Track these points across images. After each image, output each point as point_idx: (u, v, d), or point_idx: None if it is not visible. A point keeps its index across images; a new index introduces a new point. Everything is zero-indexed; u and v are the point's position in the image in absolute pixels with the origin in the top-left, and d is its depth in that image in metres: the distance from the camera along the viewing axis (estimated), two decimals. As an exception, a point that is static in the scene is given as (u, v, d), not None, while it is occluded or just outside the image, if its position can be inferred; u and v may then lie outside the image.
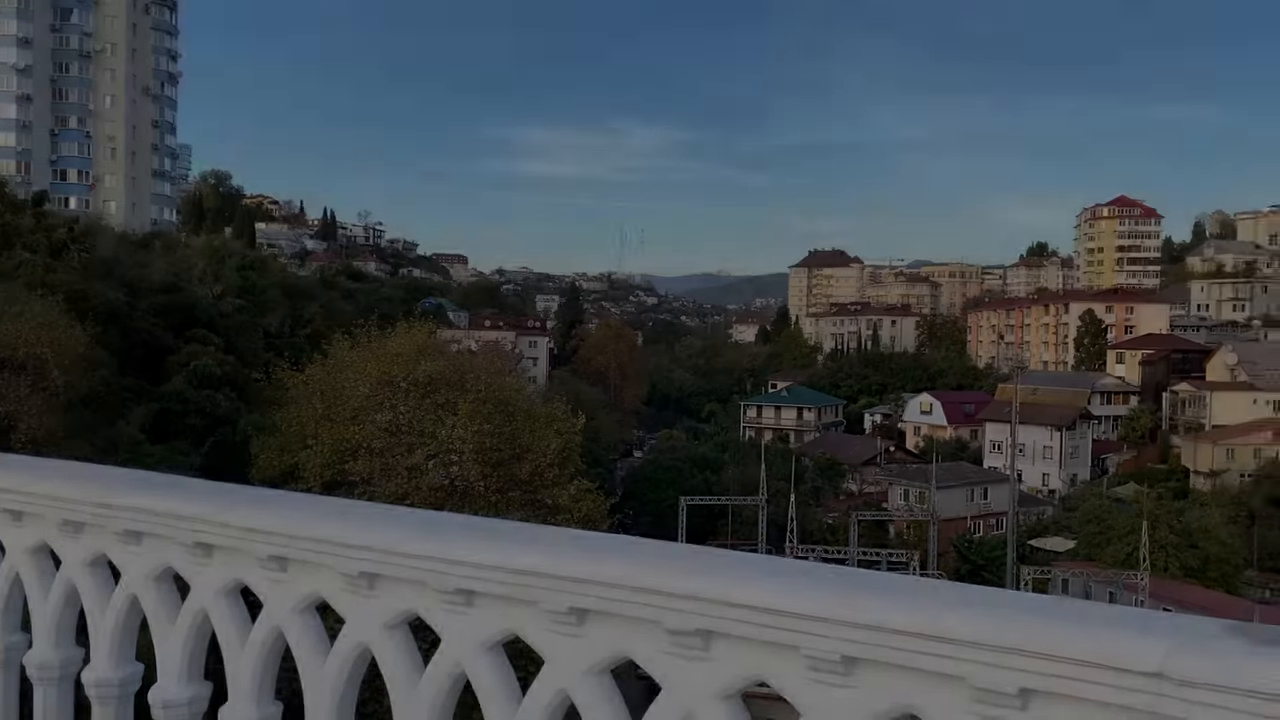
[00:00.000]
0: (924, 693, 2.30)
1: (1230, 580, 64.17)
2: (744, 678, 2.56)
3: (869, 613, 2.30)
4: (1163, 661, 1.99)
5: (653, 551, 2.71)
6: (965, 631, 2.18)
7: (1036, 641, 2.10)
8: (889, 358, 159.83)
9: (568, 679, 2.78)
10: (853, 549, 60.96)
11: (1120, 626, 2.08)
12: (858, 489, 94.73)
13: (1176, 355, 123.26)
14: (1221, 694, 1.96)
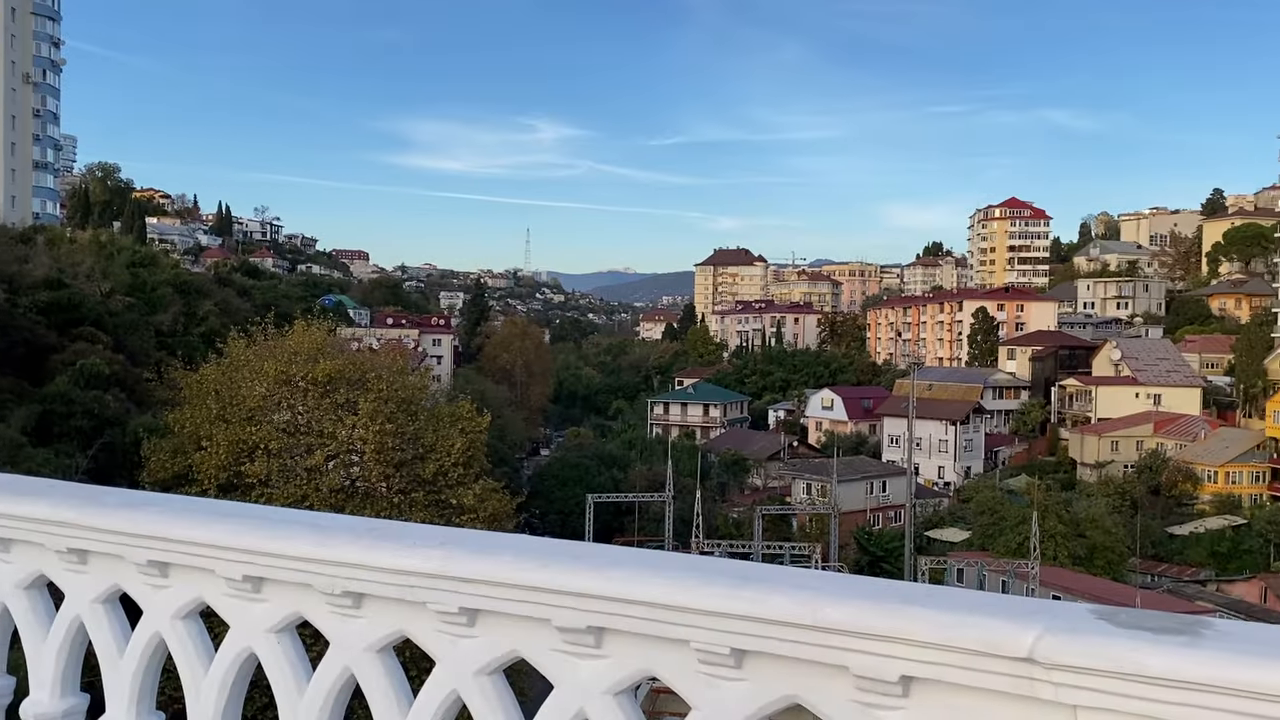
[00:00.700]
0: (809, 683, 2.34)
1: (1115, 567, 66.99)
2: (636, 673, 2.57)
3: (757, 606, 2.32)
4: (1033, 646, 2.05)
5: (543, 550, 2.69)
6: (847, 621, 2.22)
7: (914, 630, 2.15)
8: (792, 354, 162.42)
9: (459, 680, 2.75)
10: (757, 543, 61.78)
11: (993, 613, 2.15)
12: (762, 484, 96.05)
13: (1064, 351, 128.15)
14: (1088, 676, 2.04)
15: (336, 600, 2.88)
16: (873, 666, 2.22)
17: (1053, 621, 2.09)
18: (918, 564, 58.43)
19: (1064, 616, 2.13)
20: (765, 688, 2.39)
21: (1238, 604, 59.47)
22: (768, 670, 2.38)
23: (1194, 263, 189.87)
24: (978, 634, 2.10)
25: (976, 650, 2.11)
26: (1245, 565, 70.59)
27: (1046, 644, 2.04)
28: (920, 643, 2.16)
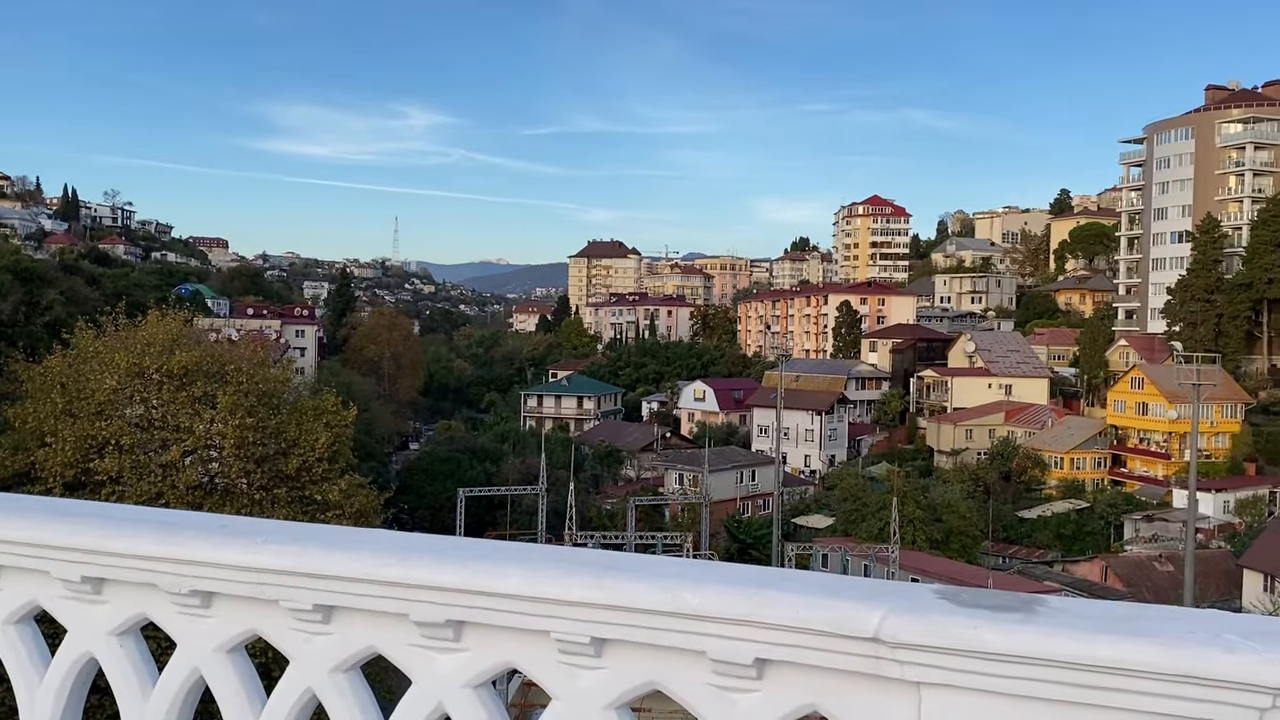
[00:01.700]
0: (669, 668, 2.37)
1: (969, 550, 70.10)
2: (496, 666, 2.56)
3: (617, 594, 2.34)
4: (879, 626, 2.13)
5: (401, 544, 2.65)
6: (706, 607, 2.26)
7: (768, 613, 2.21)
8: (665, 347, 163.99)
9: (314, 678, 2.69)
10: (630, 534, 62.19)
11: (842, 595, 2.22)
12: (636, 475, 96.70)
13: (922, 344, 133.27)
14: (931, 653, 2.13)
15: (184, 600, 2.78)
16: (729, 650, 2.27)
17: (898, 602, 2.17)
18: (785, 550, 59.86)
19: (908, 597, 2.22)
20: (625, 675, 2.41)
21: (1081, 582, 63.01)
22: (628, 658, 2.40)
23: (1043, 259, 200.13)
24: (827, 615, 2.17)
25: (826, 631, 2.17)
26: (1088, 546, 74.82)
27: (891, 624, 2.12)
28: (774, 625, 2.21)
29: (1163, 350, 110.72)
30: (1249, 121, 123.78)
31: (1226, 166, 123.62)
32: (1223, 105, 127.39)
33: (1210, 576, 61.21)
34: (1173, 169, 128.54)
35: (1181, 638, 2.01)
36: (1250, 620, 2.19)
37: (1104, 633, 2.03)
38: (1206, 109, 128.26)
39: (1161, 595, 58.65)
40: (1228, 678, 1.95)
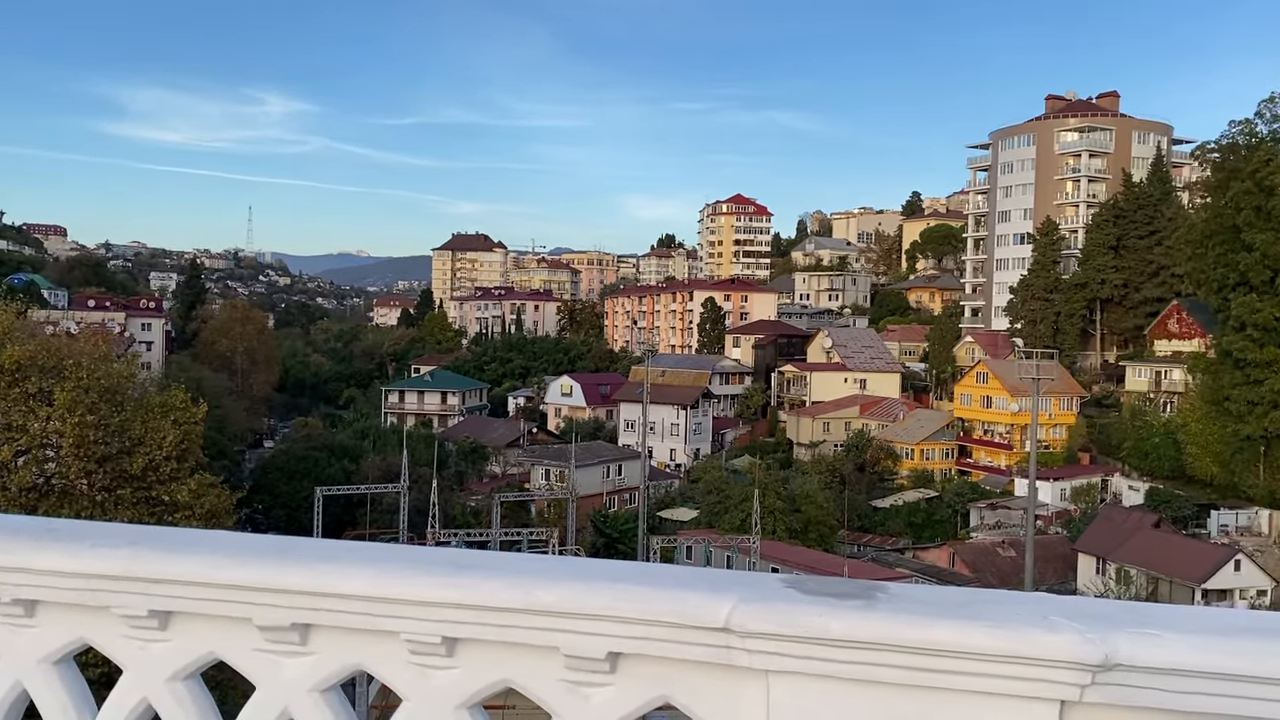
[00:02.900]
0: (522, 665, 2.36)
1: (827, 540, 72.30)
2: (345, 669, 2.49)
3: (468, 593, 2.31)
4: (728, 616, 2.17)
5: (243, 545, 2.55)
6: (559, 603, 2.25)
7: (621, 607, 2.22)
8: (532, 341, 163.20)
9: (150, 687, 2.56)
10: (495, 531, 61.70)
11: (693, 587, 2.25)
12: (501, 471, 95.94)
13: (783, 339, 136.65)
14: (778, 642, 2.18)
15: (5, 609, 2.61)
16: (582, 645, 2.27)
17: (746, 592, 2.22)
18: (650, 543, 60.46)
19: (757, 587, 2.26)
20: (478, 674, 2.39)
21: (930, 569, 65.86)
22: (480, 656, 2.38)
23: (895, 259, 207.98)
24: (678, 608, 2.19)
25: (677, 623, 2.20)
26: (937, 533, 78.22)
27: (740, 614, 2.17)
28: (626, 619, 2.22)
29: (1006, 346, 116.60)
30: (1084, 130, 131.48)
31: (1064, 173, 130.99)
32: (1061, 115, 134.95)
33: (1049, 561, 64.87)
34: (1015, 174, 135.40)
35: (1010, 620, 2.11)
36: (1074, 602, 2.33)
37: (939, 617, 2.12)
38: (1046, 118, 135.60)
39: (1005, 579, 61.82)
40: (1052, 657, 2.06)
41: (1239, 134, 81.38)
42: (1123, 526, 64.71)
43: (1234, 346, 75.96)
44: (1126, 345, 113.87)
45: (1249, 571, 58.00)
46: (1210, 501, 75.14)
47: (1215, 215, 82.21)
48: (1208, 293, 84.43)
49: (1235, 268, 76.81)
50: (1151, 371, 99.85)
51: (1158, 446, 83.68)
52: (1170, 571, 58.23)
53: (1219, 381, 78.48)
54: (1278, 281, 73.43)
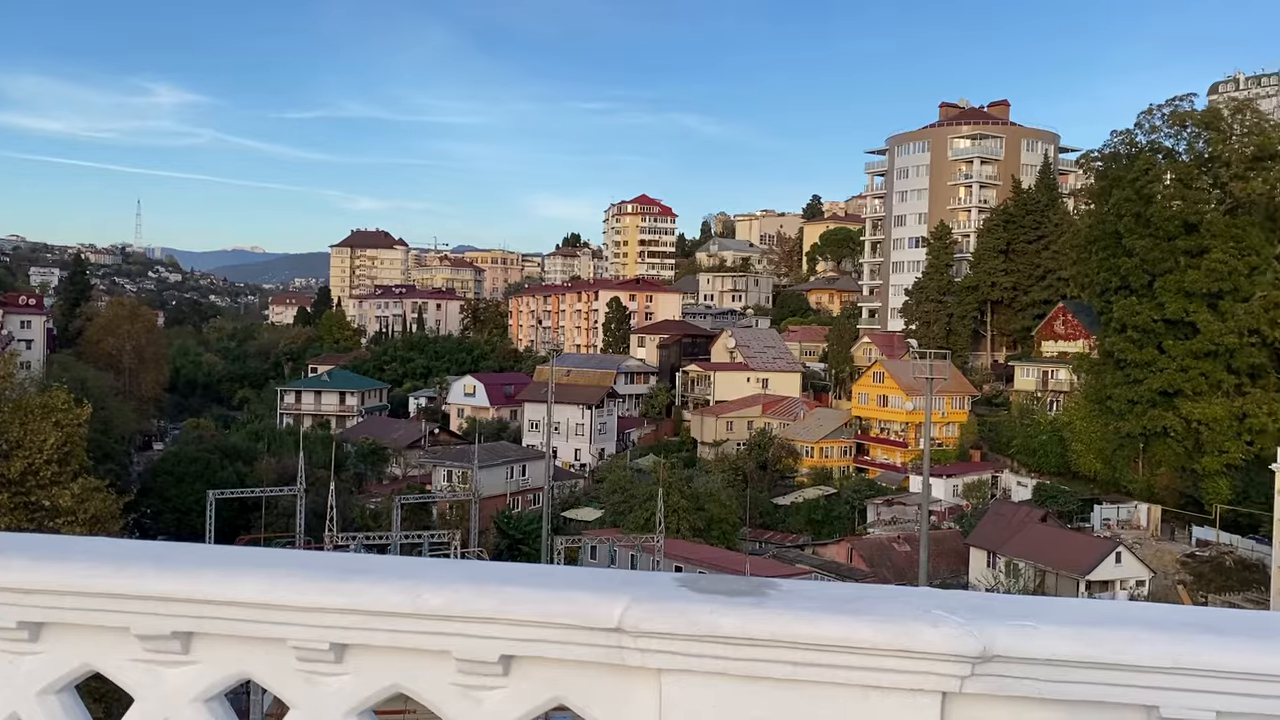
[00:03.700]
0: (413, 670, 2.33)
1: (729, 537, 73.10)
2: (229, 678, 2.43)
3: (357, 598, 2.28)
4: (621, 616, 2.18)
5: (121, 552, 2.46)
6: (449, 606, 2.23)
7: (513, 609, 2.21)
8: (434, 341, 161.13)
9: (20, 702, 2.45)
10: (395, 534, 60.69)
11: (586, 587, 2.26)
12: (402, 473, 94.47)
13: (688, 339, 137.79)
14: (671, 640, 2.20)
15: None
16: (474, 649, 2.25)
17: (639, 591, 2.23)
18: (554, 544, 60.26)
19: (650, 586, 2.28)
20: (367, 680, 2.35)
21: (829, 564, 67.17)
22: (370, 662, 2.34)
23: (796, 261, 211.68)
24: (571, 609, 2.20)
25: (570, 624, 2.20)
26: (836, 530, 79.81)
27: (633, 613, 2.18)
28: (519, 621, 2.22)
29: (901, 347, 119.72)
30: (976, 138, 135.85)
31: (957, 178, 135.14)
32: (954, 122, 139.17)
33: (943, 555, 66.82)
34: (911, 179, 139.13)
35: (894, 615, 2.17)
36: (957, 596, 2.40)
37: (827, 613, 2.17)
38: (940, 125, 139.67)
39: (900, 574, 63.46)
40: (933, 650, 2.13)
41: (1120, 144, 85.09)
42: (1012, 521, 67.04)
43: (1115, 347, 79.42)
44: (1015, 346, 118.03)
45: (1129, 563, 60.68)
46: (1093, 496, 78.40)
47: (1098, 222, 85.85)
48: (1091, 296, 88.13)
49: (1117, 272, 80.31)
50: (1039, 371, 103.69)
51: (1044, 444, 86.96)
52: (1057, 564, 60.56)
53: (1101, 381, 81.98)
54: (1156, 285, 77.02)
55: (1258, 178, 77.75)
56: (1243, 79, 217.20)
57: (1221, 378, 74.53)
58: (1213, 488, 72.58)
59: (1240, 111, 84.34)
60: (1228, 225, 76.61)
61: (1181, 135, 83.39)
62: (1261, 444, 70.46)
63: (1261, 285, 74.16)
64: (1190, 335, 75.20)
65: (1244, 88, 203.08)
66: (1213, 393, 74.39)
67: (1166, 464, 76.97)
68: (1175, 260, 76.31)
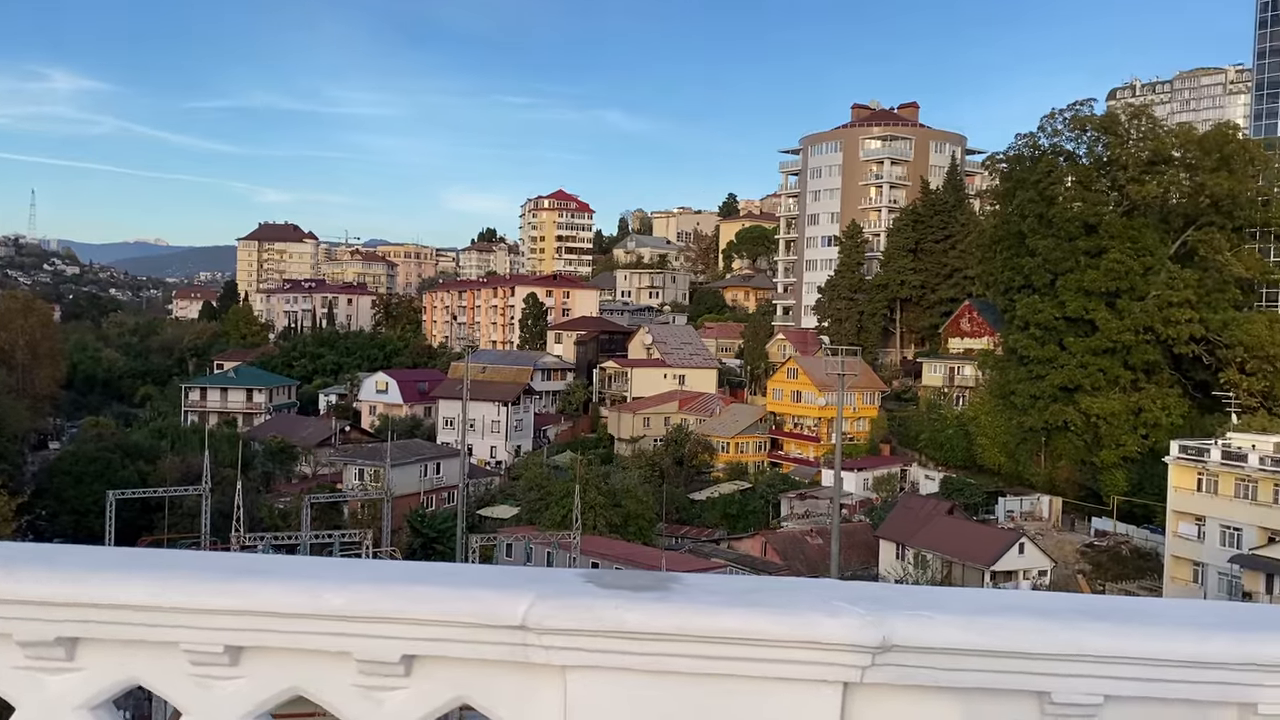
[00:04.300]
0: (312, 672, 2.27)
1: (646, 532, 73.42)
2: (118, 684, 2.34)
3: (253, 599, 2.21)
4: (525, 614, 2.16)
5: (4, 556, 2.35)
6: (349, 606, 2.19)
7: (415, 609, 2.17)
8: (345, 337, 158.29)
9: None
10: (305, 534, 59.45)
11: (490, 585, 2.23)
12: (312, 472, 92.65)
13: (605, 336, 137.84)
14: (576, 637, 2.19)
15: None
16: (375, 649, 2.21)
17: (544, 588, 2.22)
18: (469, 542, 59.75)
19: (555, 583, 2.27)
20: (264, 683, 2.29)
21: (744, 558, 67.93)
22: (267, 664, 2.28)
23: (713, 258, 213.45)
24: (474, 607, 2.17)
25: (473, 623, 2.17)
26: (750, 524, 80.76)
27: (538, 610, 2.16)
28: (421, 620, 2.18)
29: (814, 343, 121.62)
30: (887, 139, 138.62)
31: (868, 178, 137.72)
32: (866, 123, 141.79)
33: (854, 547, 68.14)
34: (823, 179, 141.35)
35: (796, 607, 2.20)
36: (858, 587, 2.44)
37: (730, 606, 2.19)
38: (852, 125, 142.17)
39: (813, 566, 64.47)
40: (834, 640, 2.16)
41: (1024, 146, 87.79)
42: (920, 513, 68.67)
43: (1018, 344, 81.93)
44: (924, 343, 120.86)
45: (1032, 553, 62.69)
46: (998, 489, 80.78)
47: (1003, 222, 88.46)
48: (996, 294, 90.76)
49: (1020, 271, 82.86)
50: (946, 367, 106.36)
51: (951, 438, 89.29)
52: (962, 555, 62.24)
53: (1005, 377, 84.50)
54: (1058, 284, 79.65)
55: (1152, 181, 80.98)
56: (1139, 85, 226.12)
57: (1119, 374, 77.42)
58: (1110, 480, 75.39)
59: (1136, 117, 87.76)
60: (1125, 227, 79.63)
61: (1082, 139, 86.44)
62: (1155, 437, 73.43)
63: (1156, 285, 77.24)
64: (1089, 333, 77.95)
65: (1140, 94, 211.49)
66: (1110, 388, 77.21)
67: (1067, 457, 79.70)
68: (1076, 260, 79.02)
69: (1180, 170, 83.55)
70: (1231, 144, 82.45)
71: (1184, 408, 77.79)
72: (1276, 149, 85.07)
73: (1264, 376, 76.35)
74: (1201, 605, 2.60)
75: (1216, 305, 77.90)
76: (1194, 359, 78.71)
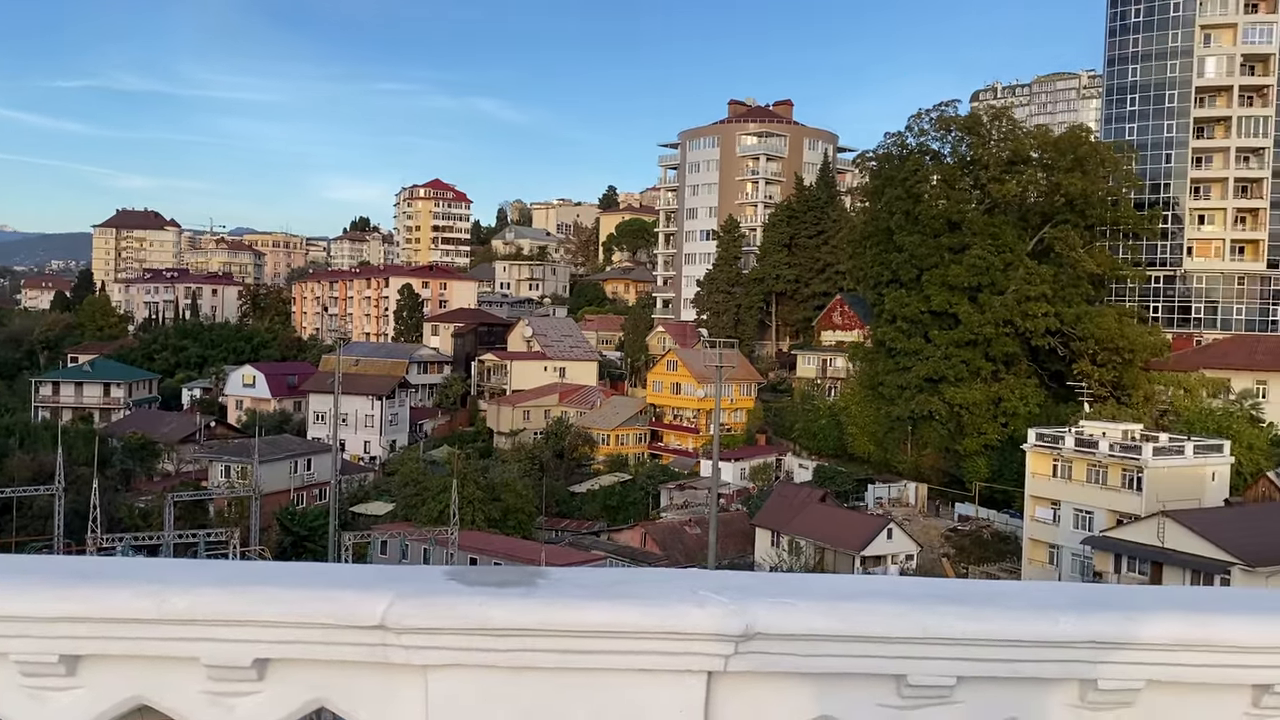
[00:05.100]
0: (156, 680, 2.17)
1: (526, 526, 73.01)
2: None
3: (91, 604, 2.09)
4: (384, 614, 2.10)
5: None
6: (196, 610, 2.09)
7: (267, 611, 2.09)
8: (210, 329, 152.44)
9: None
10: (168, 534, 57.06)
11: (347, 585, 2.16)
12: (176, 469, 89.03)
13: (484, 328, 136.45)
14: (438, 635, 2.14)
15: None
16: (225, 654, 2.12)
17: (404, 587, 2.16)
18: (342, 540, 58.33)
19: (416, 581, 2.21)
20: (104, 693, 2.17)
21: (624, 549, 68.27)
22: (107, 673, 2.16)
23: (593, 250, 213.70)
24: (331, 608, 2.10)
25: (330, 624, 2.10)
26: (631, 515, 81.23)
27: (397, 610, 2.11)
28: (274, 623, 2.10)
29: (693, 336, 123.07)
30: (762, 135, 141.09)
31: (745, 174, 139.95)
32: (742, 119, 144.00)
33: (731, 536, 69.24)
34: (702, 173, 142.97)
35: (662, 598, 2.20)
36: (724, 576, 2.46)
37: (595, 599, 2.17)
38: (729, 121, 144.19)
39: (691, 556, 65.31)
40: (699, 630, 2.17)
41: (892, 145, 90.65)
42: (794, 501, 70.26)
43: (886, 337, 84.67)
44: (798, 335, 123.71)
45: (899, 538, 64.89)
46: (867, 476, 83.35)
47: (872, 218, 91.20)
48: (866, 288, 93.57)
49: (888, 266, 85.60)
50: (819, 359, 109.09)
51: (824, 428, 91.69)
52: (834, 541, 63.99)
53: (874, 368, 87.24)
54: (924, 279, 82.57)
55: (1011, 180, 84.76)
56: (1000, 88, 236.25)
57: (980, 365, 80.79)
58: (972, 467, 78.67)
59: (998, 118, 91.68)
60: (986, 224, 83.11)
61: (947, 139, 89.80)
62: (1014, 426, 76.95)
63: (1014, 280, 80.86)
64: (953, 325, 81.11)
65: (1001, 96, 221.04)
66: (972, 379, 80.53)
67: (932, 445, 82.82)
68: (940, 256, 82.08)
69: (1038, 170, 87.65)
70: (1084, 146, 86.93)
71: (1040, 397, 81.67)
72: (1125, 152, 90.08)
73: (1113, 368, 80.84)
74: (1050, 587, 2.72)
75: (1070, 300, 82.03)
76: (1050, 351, 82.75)
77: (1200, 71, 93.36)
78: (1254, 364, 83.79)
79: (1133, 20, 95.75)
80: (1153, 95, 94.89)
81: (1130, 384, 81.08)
